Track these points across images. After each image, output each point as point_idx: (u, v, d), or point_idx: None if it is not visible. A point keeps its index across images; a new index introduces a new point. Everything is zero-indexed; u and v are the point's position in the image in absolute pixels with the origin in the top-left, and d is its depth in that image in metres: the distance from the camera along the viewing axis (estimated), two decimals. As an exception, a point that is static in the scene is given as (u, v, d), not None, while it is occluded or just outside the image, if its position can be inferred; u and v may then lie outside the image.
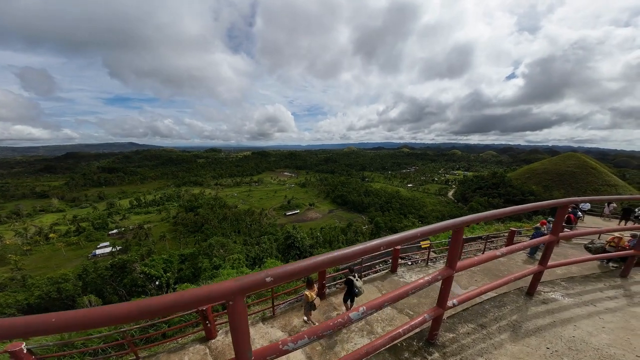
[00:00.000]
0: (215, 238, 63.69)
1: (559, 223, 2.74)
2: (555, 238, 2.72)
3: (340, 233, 75.92)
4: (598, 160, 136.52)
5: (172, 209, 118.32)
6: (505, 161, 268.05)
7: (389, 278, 5.94)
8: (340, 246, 55.55)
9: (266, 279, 1.07)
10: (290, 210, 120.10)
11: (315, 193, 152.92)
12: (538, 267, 3.03)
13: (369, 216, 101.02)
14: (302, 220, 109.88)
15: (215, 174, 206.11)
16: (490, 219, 2.09)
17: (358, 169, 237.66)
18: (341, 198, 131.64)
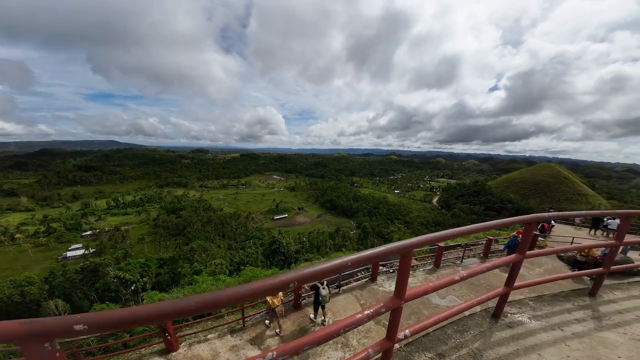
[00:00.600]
0: (197, 242, 61.59)
1: (525, 242, 2.54)
2: (521, 257, 2.51)
3: (328, 238, 75.70)
4: (570, 171, 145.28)
5: (152, 211, 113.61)
6: (486, 170, 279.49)
7: (368, 287, 5.81)
8: (327, 251, 55.31)
9: (74, 327, 0.78)
10: (278, 214, 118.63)
11: (305, 197, 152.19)
12: (504, 288, 2.84)
13: (357, 221, 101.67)
14: (291, 224, 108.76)
15: (200, 175, 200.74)
16: (445, 238, 1.82)
17: (347, 174, 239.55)
18: (330, 203, 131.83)
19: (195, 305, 0.95)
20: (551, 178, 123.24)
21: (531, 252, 2.63)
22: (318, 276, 1.24)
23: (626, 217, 3.14)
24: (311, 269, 1.21)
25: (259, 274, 10.50)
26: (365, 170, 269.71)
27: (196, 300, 0.96)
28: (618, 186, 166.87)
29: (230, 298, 1.02)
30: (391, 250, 1.49)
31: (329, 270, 1.27)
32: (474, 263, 8.23)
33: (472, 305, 2.44)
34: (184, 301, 0.95)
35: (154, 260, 52.40)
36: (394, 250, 1.52)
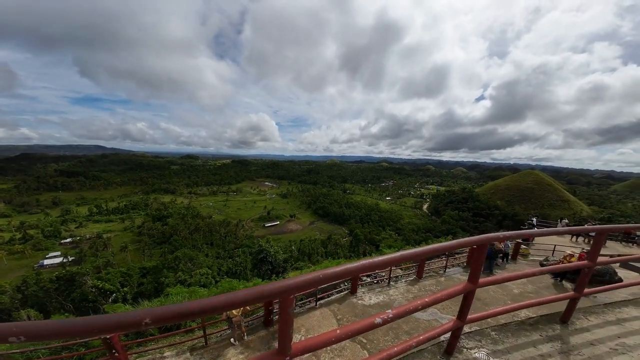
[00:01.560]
0: (183, 250, 59.86)
1: (476, 269, 2.11)
2: (473, 287, 2.06)
3: (320, 246, 75.01)
4: (553, 178, 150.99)
5: (137, 218, 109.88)
6: (473, 177, 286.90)
7: (347, 300, 5.59)
8: (318, 259, 54.54)
9: (9, 338, 0.72)
10: (269, 222, 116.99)
11: (297, 204, 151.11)
12: (455, 322, 2.27)
13: (349, 228, 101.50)
14: (282, 232, 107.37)
15: (189, 181, 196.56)
16: (399, 261, 1.52)
17: (340, 181, 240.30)
18: (322, 210, 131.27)
19: (151, 318, 0.83)
20: (535, 185, 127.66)
21: (485, 279, 2.15)
22: (304, 288, 1.11)
23: (600, 233, 2.69)
24: (299, 279, 1.10)
25: (237, 286, 10.07)
26: (358, 177, 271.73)
27: (151, 313, 0.84)
28: (598, 192, 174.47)
29: (193, 311, 0.91)
30: (338, 274, 1.31)
31: (315, 283, 1.16)
32: (457, 273, 8.17)
33: (420, 342, 1.99)
34: (135, 313, 0.84)
35: (136, 269, 50.72)
36: (343, 274, 1.35)
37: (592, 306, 3.06)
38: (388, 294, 6.02)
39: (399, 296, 5.99)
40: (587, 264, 2.67)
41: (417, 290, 6.49)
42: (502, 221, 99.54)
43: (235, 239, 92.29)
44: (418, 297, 6.40)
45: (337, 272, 1.20)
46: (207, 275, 41.20)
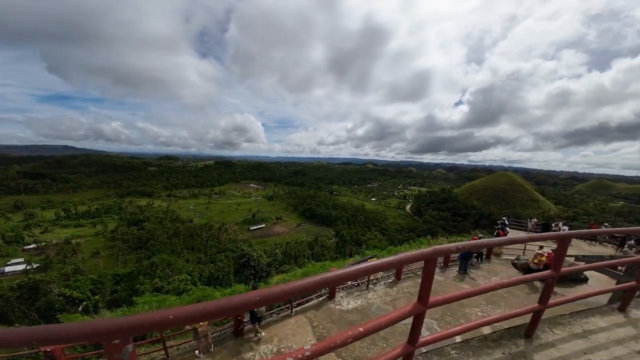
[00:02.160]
0: (160, 256, 57.47)
1: (426, 287, 1.78)
2: (423, 309, 1.77)
3: (307, 248, 74.59)
4: (524, 179, 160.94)
5: (110, 222, 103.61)
6: (452, 178, 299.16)
7: (325, 306, 5.50)
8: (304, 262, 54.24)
9: None
10: (254, 225, 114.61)
11: (283, 206, 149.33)
12: (405, 346, 1.97)
13: (336, 229, 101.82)
14: (268, 234, 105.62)
15: (168, 184, 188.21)
16: (335, 282, 1.37)
17: (327, 183, 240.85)
18: (309, 211, 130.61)
19: (90, 330, 0.73)
20: (508, 185, 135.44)
21: (436, 298, 1.83)
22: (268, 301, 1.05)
23: (563, 240, 2.47)
24: (263, 293, 1.03)
25: (211, 294, 9.64)
26: (344, 178, 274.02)
27: (96, 325, 0.74)
28: (563, 192, 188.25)
29: (153, 323, 0.81)
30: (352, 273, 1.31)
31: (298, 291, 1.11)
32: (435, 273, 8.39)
33: None
34: (80, 325, 0.74)
35: (108, 276, 48.49)
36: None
37: (558, 316, 2.81)
38: (366, 298, 6.00)
39: (377, 300, 6.00)
40: (551, 274, 2.42)
41: (395, 293, 6.54)
42: (478, 220, 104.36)
43: (217, 243, 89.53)
44: (396, 299, 6.45)
45: (304, 285, 1.14)
46: (186, 282, 39.63)
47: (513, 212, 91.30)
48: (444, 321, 5.35)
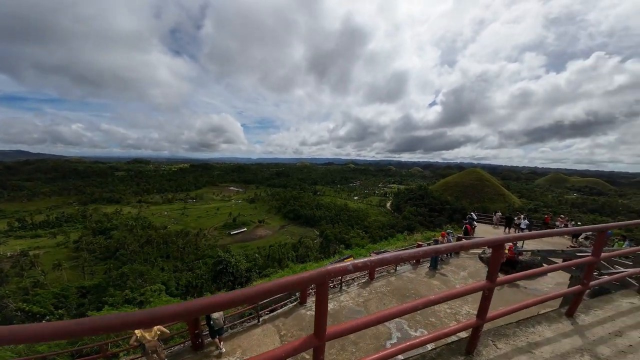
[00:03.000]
0: (130, 266, 54.12)
1: (321, 314, 1.43)
2: (318, 343, 1.43)
3: (291, 249, 73.83)
4: (491, 174, 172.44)
5: (73, 232, 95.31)
6: (427, 176, 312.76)
7: (295, 312, 5.39)
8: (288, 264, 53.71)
9: None
10: (236, 229, 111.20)
11: (266, 209, 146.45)
12: None
13: (320, 229, 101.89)
14: (251, 238, 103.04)
15: (138, 189, 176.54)
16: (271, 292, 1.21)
17: (310, 183, 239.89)
18: (293, 213, 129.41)
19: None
20: (477, 181, 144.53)
21: (335, 328, 1.46)
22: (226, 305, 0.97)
23: (496, 247, 2.10)
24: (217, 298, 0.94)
25: (171, 302, 9.05)
26: (327, 179, 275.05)
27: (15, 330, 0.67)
28: (525, 186, 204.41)
29: (83, 329, 0.74)
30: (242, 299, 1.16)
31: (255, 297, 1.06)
32: (406, 270, 8.62)
33: None
34: None
35: (72, 289, 45.36)
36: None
37: (503, 326, 2.54)
38: (339, 300, 5.99)
39: (349, 302, 6.01)
40: (487, 285, 2.06)
41: (367, 294, 6.61)
42: (452, 214, 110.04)
43: (195, 249, 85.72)
44: (368, 300, 6.53)
45: (251, 293, 1.06)
46: (159, 292, 37.55)
47: (482, 206, 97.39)
48: (414, 320, 5.47)
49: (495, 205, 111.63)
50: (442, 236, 10.23)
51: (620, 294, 3.19)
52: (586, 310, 2.86)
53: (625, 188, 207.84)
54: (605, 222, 29.65)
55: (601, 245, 2.70)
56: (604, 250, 3.02)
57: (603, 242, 2.78)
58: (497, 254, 2.06)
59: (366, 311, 5.70)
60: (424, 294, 6.97)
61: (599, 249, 2.67)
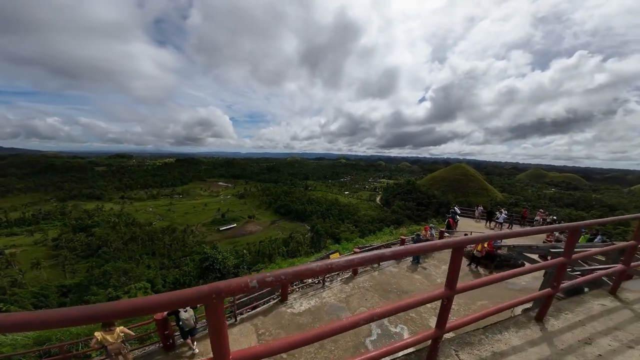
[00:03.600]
0: (113, 264, 52.64)
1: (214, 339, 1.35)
2: None
3: (282, 245, 73.80)
4: (476, 169, 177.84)
5: (52, 230, 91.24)
6: (416, 171, 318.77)
7: (275, 310, 5.34)
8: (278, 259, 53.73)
9: None
10: (225, 225, 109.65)
11: (256, 204, 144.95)
12: None
13: (311, 224, 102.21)
14: (241, 234, 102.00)
15: (121, 184, 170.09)
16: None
17: (302, 178, 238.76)
18: (284, 208, 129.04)
19: None
20: (462, 176, 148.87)
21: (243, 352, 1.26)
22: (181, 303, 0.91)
23: (457, 249, 1.89)
24: None
25: None
26: (319, 174, 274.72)
27: None
28: (507, 181, 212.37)
29: None
30: None
31: None
32: (389, 265, 8.74)
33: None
34: None
35: (52, 288, 43.99)
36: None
37: (469, 333, 2.36)
38: (321, 297, 5.99)
39: (331, 298, 6.01)
40: (444, 293, 1.88)
41: (350, 289, 6.65)
42: (439, 208, 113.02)
43: (183, 246, 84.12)
44: (351, 295, 6.57)
45: None
46: (144, 289, 36.82)
47: (467, 200, 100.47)
48: (395, 316, 5.54)
49: (479, 199, 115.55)
50: (425, 230, 10.38)
51: (592, 295, 3.07)
52: (557, 313, 2.70)
53: (598, 183, 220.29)
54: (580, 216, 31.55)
55: (573, 244, 2.56)
56: (574, 247, 2.82)
57: (575, 241, 2.61)
58: (457, 256, 1.84)
59: (348, 307, 5.71)
60: (406, 289, 7.11)
61: (571, 249, 2.52)
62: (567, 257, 2.49)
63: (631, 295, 3.10)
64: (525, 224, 19.34)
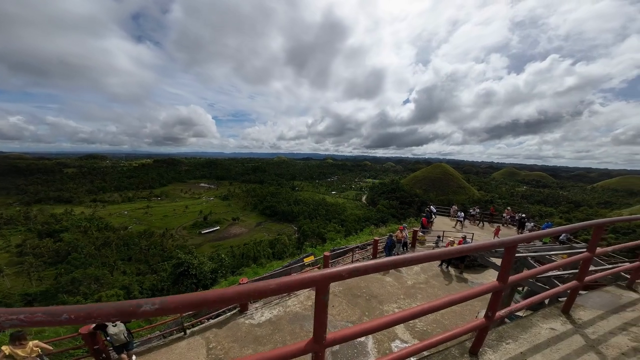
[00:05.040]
0: (82, 270, 49.73)
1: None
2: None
3: (268, 247, 72.61)
4: (455, 169, 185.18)
5: (15, 235, 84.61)
6: (399, 170, 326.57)
7: (232, 322, 5.04)
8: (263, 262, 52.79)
9: None
10: (207, 228, 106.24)
11: (241, 205, 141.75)
12: None
13: (299, 225, 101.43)
14: (224, 237, 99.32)
15: (93, 187, 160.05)
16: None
17: (288, 179, 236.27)
18: (270, 209, 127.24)
19: None
20: (442, 175, 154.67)
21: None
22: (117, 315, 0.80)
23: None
24: None
25: None
26: (306, 174, 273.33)
27: None
28: (483, 180, 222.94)
29: None
30: None
31: None
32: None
33: None
34: None
35: (15, 296, 41.29)
36: None
37: None
38: (285, 306, 5.77)
39: (297, 306, 5.81)
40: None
41: (317, 294, 6.48)
42: (421, 206, 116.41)
43: (162, 251, 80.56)
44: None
45: None
46: (118, 296, 34.93)
47: (447, 198, 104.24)
48: (361, 321, 5.44)
49: (459, 197, 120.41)
50: (400, 230, 10.48)
51: (542, 316, 2.65)
52: (497, 342, 2.23)
53: (565, 181, 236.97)
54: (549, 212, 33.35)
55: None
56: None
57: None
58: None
59: (313, 316, 5.54)
60: (377, 293, 7.06)
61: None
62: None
63: (585, 314, 2.70)
64: (494, 221, 20.24)
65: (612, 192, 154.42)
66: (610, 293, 3.07)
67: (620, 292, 3.13)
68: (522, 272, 3.29)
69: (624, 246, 3.08)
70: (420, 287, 7.93)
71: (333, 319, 5.45)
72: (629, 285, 3.29)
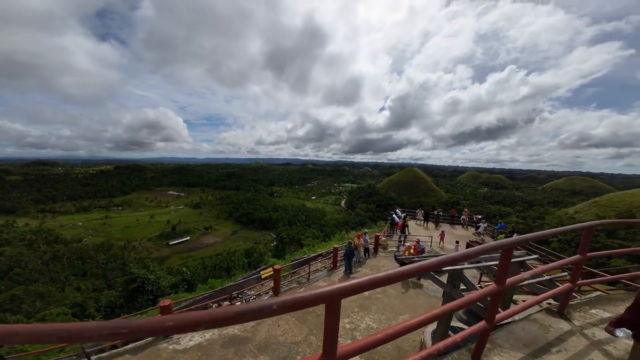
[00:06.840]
0: (24, 287, 44.29)
1: None
2: None
3: (243, 256, 69.65)
4: (425, 173, 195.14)
5: (-62, 255, 72.16)
6: (376, 174, 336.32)
7: (152, 347, 4.38)
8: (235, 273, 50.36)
9: None
10: (176, 239, 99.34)
11: (214, 214, 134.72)
12: None
13: (277, 232, 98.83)
14: (196, 248, 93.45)
15: (40, 196, 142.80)
16: None
17: (267, 185, 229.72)
18: (247, 216, 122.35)
19: None
20: (414, 179, 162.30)
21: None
22: None
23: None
24: None
25: None
26: (285, 179, 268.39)
27: None
28: (450, 182, 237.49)
29: None
30: None
31: None
32: (319, 278, 8.43)
33: None
34: None
35: None
36: None
37: None
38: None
39: (235, 327, 5.25)
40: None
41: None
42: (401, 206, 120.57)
43: (122, 265, 73.73)
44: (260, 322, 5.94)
45: None
46: (65, 314, 31.34)
47: (418, 201, 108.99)
48: (307, 342, 5.01)
49: (429, 200, 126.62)
50: (357, 237, 10.41)
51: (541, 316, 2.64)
52: (490, 349, 2.16)
53: (519, 182, 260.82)
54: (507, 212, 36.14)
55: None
56: None
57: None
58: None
59: (253, 338, 5.00)
60: (366, 305, 6.67)
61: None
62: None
63: (579, 315, 2.65)
64: (454, 222, 21.27)
65: (559, 192, 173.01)
66: (538, 323, 2.58)
67: (550, 321, 2.63)
68: (458, 286, 3.31)
69: (620, 251, 3.36)
70: (377, 297, 7.56)
71: (276, 340, 5.00)
72: (560, 311, 2.77)
